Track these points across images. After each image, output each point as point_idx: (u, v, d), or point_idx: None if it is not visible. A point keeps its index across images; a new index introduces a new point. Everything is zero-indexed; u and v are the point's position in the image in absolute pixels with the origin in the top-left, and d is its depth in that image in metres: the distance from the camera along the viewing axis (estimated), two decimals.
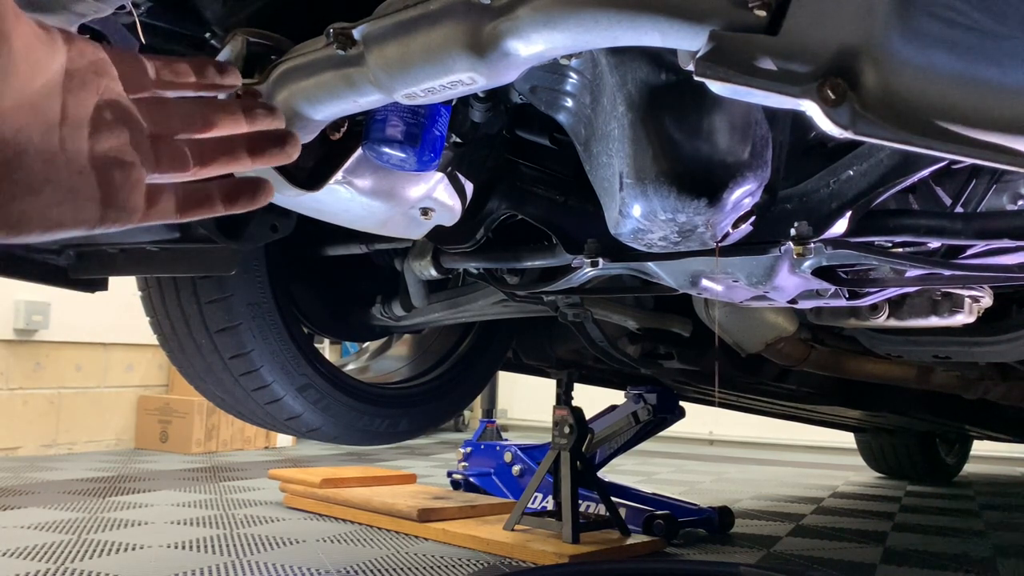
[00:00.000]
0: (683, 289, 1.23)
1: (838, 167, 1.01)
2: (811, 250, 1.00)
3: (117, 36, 0.99)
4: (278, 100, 0.89)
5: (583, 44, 0.70)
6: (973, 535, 2.47)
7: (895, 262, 1.08)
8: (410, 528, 2.11)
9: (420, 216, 1.12)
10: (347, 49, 0.81)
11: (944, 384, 2.03)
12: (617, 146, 0.89)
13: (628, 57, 0.85)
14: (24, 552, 1.68)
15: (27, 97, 0.50)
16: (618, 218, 0.95)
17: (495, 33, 0.71)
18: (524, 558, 1.87)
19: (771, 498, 3.15)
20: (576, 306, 1.69)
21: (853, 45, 0.60)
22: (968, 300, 1.35)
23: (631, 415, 2.27)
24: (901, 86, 0.60)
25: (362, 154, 0.98)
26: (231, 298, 1.70)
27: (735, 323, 1.73)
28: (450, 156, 1.08)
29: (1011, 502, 3.38)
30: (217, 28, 1.05)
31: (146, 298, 1.85)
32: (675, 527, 2.14)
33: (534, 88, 0.97)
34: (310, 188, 0.97)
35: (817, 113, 0.61)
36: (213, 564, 1.64)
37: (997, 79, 0.60)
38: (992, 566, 2.01)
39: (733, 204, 0.90)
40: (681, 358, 1.96)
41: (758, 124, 0.89)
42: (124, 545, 1.79)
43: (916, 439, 3.79)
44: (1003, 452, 5.00)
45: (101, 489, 2.70)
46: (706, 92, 0.66)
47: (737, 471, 4.23)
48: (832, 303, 1.25)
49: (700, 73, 0.63)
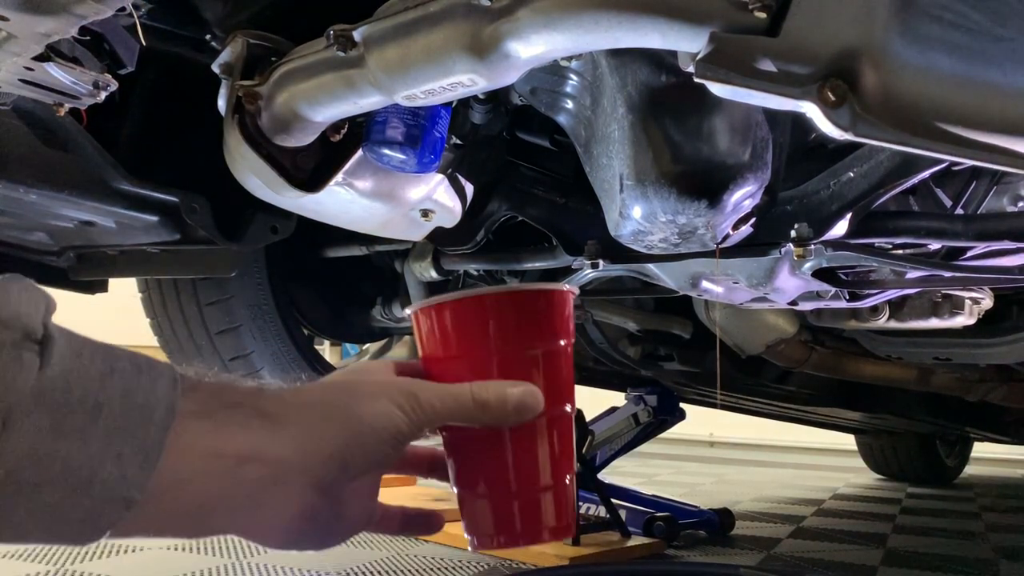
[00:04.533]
0: (683, 291, 1.23)
1: (838, 169, 1.01)
2: (811, 252, 1.00)
3: (117, 38, 0.99)
4: (278, 102, 0.90)
5: (583, 46, 0.70)
6: (974, 537, 2.46)
7: (895, 264, 1.07)
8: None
9: (420, 218, 1.12)
10: (347, 51, 0.81)
11: (944, 386, 2.03)
12: (617, 148, 0.89)
13: (628, 59, 0.85)
14: (23, 553, 1.68)
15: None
16: (618, 220, 0.95)
17: (495, 35, 0.71)
18: (524, 560, 1.86)
19: (772, 500, 3.15)
20: (576, 308, 1.69)
21: (853, 47, 0.60)
22: (968, 302, 1.35)
23: (631, 417, 2.27)
24: (901, 88, 0.60)
25: (362, 156, 0.98)
26: (231, 300, 1.70)
27: (735, 325, 1.73)
28: (450, 158, 1.08)
29: (1012, 504, 3.37)
30: (218, 30, 1.05)
31: (146, 300, 1.85)
32: (675, 529, 2.13)
33: (534, 90, 0.97)
34: (310, 190, 0.97)
35: (817, 115, 0.61)
36: (213, 566, 1.64)
37: (997, 81, 0.60)
38: (993, 568, 2.01)
39: (733, 206, 0.90)
40: (681, 360, 1.96)
41: (758, 126, 0.89)
42: (124, 547, 1.79)
43: (916, 441, 3.79)
44: (1004, 454, 5.00)
45: None
46: (706, 94, 0.66)
47: (737, 473, 4.23)
48: (832, 305, 1.25)
49: (700, 75, 0.63)
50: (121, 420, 0.44)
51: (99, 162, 1.26)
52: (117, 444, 0.44)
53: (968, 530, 2.60)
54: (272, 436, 0.49)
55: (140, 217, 1.35)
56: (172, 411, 0.46)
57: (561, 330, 0.61)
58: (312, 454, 0.50)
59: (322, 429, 0.51)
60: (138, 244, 1.46)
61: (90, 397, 0.44)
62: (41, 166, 1.23)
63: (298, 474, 0.49)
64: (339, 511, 0.55)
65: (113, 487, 0.44)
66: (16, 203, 1.27)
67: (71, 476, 0.43)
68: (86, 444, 0.43)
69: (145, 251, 1.51)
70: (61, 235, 1.47)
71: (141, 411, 0.45)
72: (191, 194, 1.35)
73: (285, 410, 0.51)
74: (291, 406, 0.52)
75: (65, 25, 0.81)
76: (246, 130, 0.91)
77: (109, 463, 0.44)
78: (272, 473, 0.49)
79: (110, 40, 0.99)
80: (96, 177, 1.28)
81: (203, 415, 0.48)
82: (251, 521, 0.50)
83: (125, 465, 0.44)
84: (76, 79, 0.95)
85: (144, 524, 0.47)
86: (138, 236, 1.42)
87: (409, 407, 0.53)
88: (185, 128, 1.40)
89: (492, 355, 0.58)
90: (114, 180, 1.29)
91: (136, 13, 0.94)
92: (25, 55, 0.87)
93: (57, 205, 1.29)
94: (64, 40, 0.88)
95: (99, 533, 0.45)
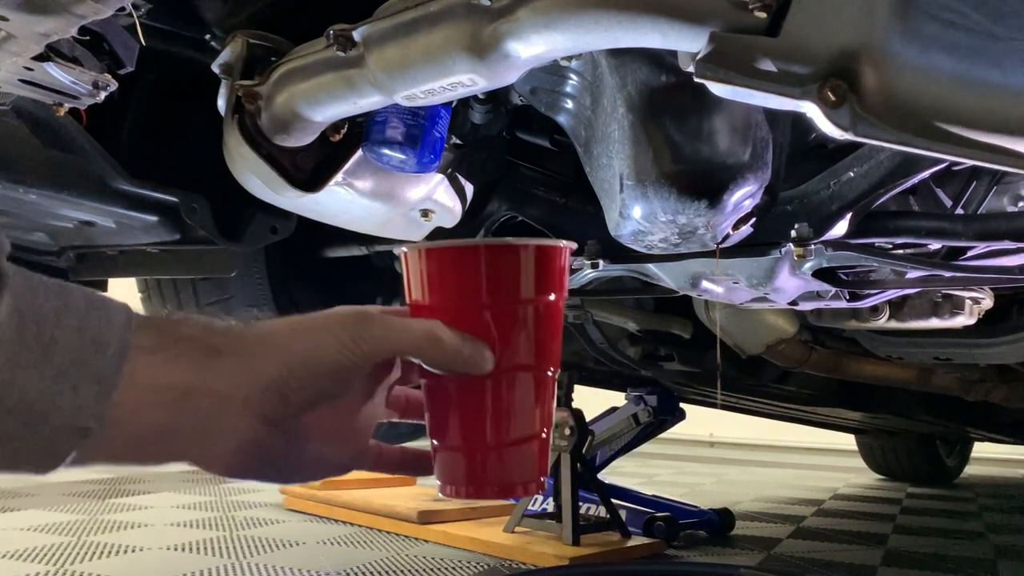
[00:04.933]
0: (683, 291, 1.23)
1: (838, 169, 1.01)
2: (811, 251, 1.00)
3: (117, 38, 0.99)
4: (278, 101, 0.90)
5: (583, 45, 0.70)
6: (974, 537, 2.46)
7: (896, 264, 1.07)
8: (410, 530, 2.11)
9: (420, 218, 1.12)
10: (347, 51, 0.81)
11: (945, 386, 2.03)
12: (617, 147, 0.89)
13: (628, 59, 0.85)
14: (24, 554, 1.68)
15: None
16: (618, 220, 0.95)
17: (495, 35, 0.71)
18: (524, 560, 1.86)
19: (772, 500, 3.15)
20: (576, 308, 1.69)
21: (853, 47, 0.60)
22: (969, 302, 1.35)
23: (632, 417, 2.26)
24: (901, 87, 0.60)
25: (362, 156, 0.98)
26: (231, 300, 1.70)
27: (736, 325, 1.73)
28: (450, 158, 1.08)
29: (1012, 504, 3.37)
30: (217, 30, 1.05)
31: (146, 300, 1.85)
32: (676, 529, 2.13)
33: (534, 89, 0.97)
34: (310, 190, 0.97)
35: (817, 115, 0.61)
36: (213, 566, 1.64)
37: (997, 80, 0.60)
38: (993, 568, 2.00)
39: (733, 206, 0.90)
40: (681, 360, 1.96)
41: (758, 126, 0.89)
42: (124, 547, 1.79)
43: (917, 441, 3.79)
44: (1004, 454, 4.99)
45: (101, 491, 2.70)
46: (706, 94, 0.66)
47: (738, 473, 4.23)
48: (832, 305, 1.25)
49: (700, 75, 0.63)
50: (76, 354, 0.47)
51: (99, 162, 1.26)
52: (72, 376, 0.46)
53: (968, 530, 2.60)
54: (215, 369, 0.51)
55: (140, 217, 1.35)
56: (126, 345, 0.48)
57: (552, 286, 0.60)
58: (251, 386, 0.52)
59: (259, 362, 0.52)
60: (138, 244, 1.46)
61: (45, 332, 0.46)
62: (41, 166, 1.23)
63: (239, 405, 0.51)
64: (297, 445, 0.55)
65: (70, 417, 0.46)
66: (16, 203, 1.27)
67: (29, 406, 0.45)
68: (42, 376, 0.45)
69: (145, 251, 1.51)
70: (61, 235, 1.47)
71: (95, 345, 0.47)
72: (191, 194, 1.35)
73: (229, 344, 0.53)
74: (235, 339, 0.53)
75: (65, 25, 0.81)
76: (246, 130, 0.92)
77: (66, 394, 0.46)
78: (214, 404, 0.51)
79: (110, 40, 0.99)
80: (96, 177, 1.28)
81: (154, 349, 0.50)
82: (201, 450, 0.52)
83: (81, 396, 0.47)
84: (76, 79, 0.95)
85: (100, 453, 0.49)
86: (138, 236, 1.42)
87: (349, 338, 0.54)
88: (185, 128, 1.40)
89: (479, 306, 0.57)
90: (114, 180, 1.29)
91: (136, 13, 0.94)
92: (25, 55, 0.87)
93: (57, 205, 1.29)
94: (64, 40, 0.88)
95: (58, 461, 0.48)
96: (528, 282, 0.59)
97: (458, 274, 0.58)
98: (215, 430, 0.51)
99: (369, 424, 0.61)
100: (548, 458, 0.62)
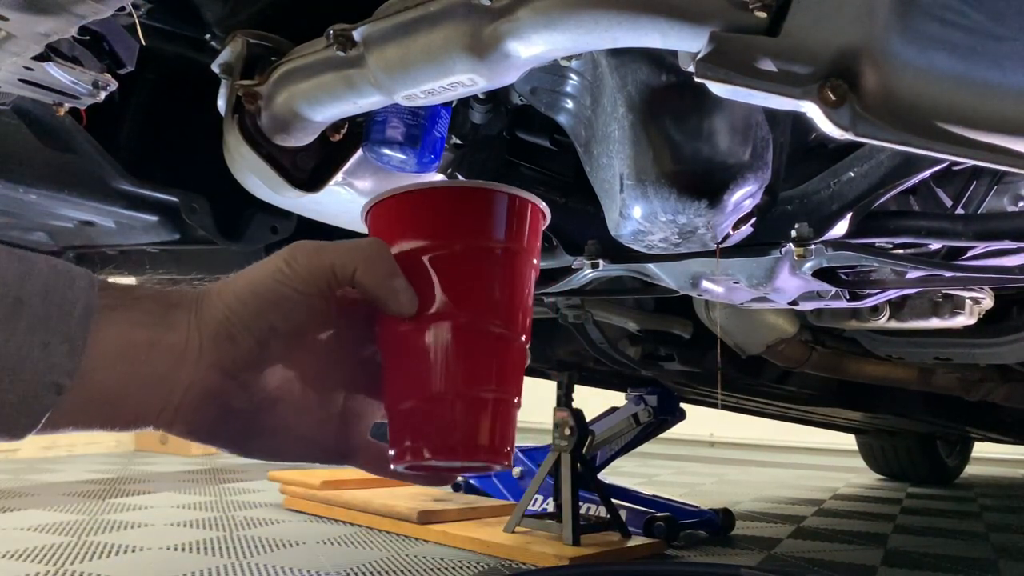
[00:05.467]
0: (684, 291, 1.23)
1: (839, 168, 1.01)
2: (812, 251, 1.00)
3: (117, 37, 0.99)
4: (278, 101, 0.89)
5: (583, 45, 0.70)
6: (974, 537, 2.46)
7: (896, 263, 1.07)
8: (410, 530, 2.11)
9: None
10: (347, 50, 0.81)
11: (945, 386, 2.03)
12: (617, 147, 0.89)
13: (628, 58, 0.85)
14: (24, 554, 1.68)
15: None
16: (618, 219, 0.95)
17: (495, 34, 0.71)
18: (525, 560, 1.86)
19: (772, 500, 3.15)
20: (576, 308, 1.69)
21: (853, 46, 0.60)
22: (969, 302, 1.35)
23: (632, 417, 2.27)
24: (902, 87, 0.60)
25: (362, 156, 0.98)
26: None
27: (736, 325, 1.73)
28: (450, 158, 1.08)
29: (1012, 504, 3.37)
30: (217, 29, 1.05)
31: None
32: (676, 529, 2.13)
33: (534, 89, 0.97)
34: (310, 190, 0.97)
35: (818, 114, 0.61)
36: (213, 566, 1.64)
37: (997, 80, 0.60)
38: (993, 568, 2.00)
39: (734, 205, 0.90)
40: (681, 360, 1.96)
41: (759, 125, 0.89)
42: (124, 547, 1.79)
43: (917, 441, 3.79)
44: (1004, 454, 5.00)
45: (101, 491, 2.70)
46: (706, 93, 0.66)
47: (738, 473, 4.23)
48: (833, 304, 1.25)
49: (700, 74, 0.63)
50: (43, 314, 0.48)
51: (99, 162, 1.26)
52: (41, 335, 0.47)
53: (968, 530, 2.60)
54: (170, 321, 0.52)
55: (140, 217, 1.35)
56: (92, 305, 0.50)
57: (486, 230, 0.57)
58: (202, 334, 0.52)
59: (206, 308, 0.53)
60: (138, 244, 1.46)
61: (10, 295, 0.47)
62: (41, 166, 1.23)
63: (194, 354, 0.52)
64: (263, 405, 0.55)
65: (43, 373, 0.47)
66: (16, 203, 1.27)
67: (1, 362, 0.46)
68: (12, 335, 0.47)
69: (145, 251, 1.51)
70: (61, 235, 1.47)
71: (61, 306, 0.49)
72: (191, 194, 1.35)
73: (183, 296, 0.54)
74: (189, 293, 0.54)
75: (65, 25, 0.81)
76: (246, 130, 0.91)
77: (36, 351, 0.47)
78: (172, 355, 0.52)
79: (110, 40, 0.99)
80: (96, 177, 1.28)
81: (114, 307, 0.51)
82: (164, 405, 0.52)
83: (52, 353, 0.48)
84: (76, 79, 0.95)
85: (72, 415, 0.50)
86: (138, 236, 1.42)
87: (283, 261, 0.53)
88: (185, 128, 1.40)
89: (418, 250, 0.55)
90: (114, 180, 1.29)
91: (136, 13, 0.93)
92: (25, 55, 0.87)
93: (57, 205, 1.29)
94: (64, 40, 0.88)
95: (33, 420, 0.48)
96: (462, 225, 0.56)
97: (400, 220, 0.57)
98: (175, 382, 0.52)
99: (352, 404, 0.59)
100: (512, 429, 0.57)
